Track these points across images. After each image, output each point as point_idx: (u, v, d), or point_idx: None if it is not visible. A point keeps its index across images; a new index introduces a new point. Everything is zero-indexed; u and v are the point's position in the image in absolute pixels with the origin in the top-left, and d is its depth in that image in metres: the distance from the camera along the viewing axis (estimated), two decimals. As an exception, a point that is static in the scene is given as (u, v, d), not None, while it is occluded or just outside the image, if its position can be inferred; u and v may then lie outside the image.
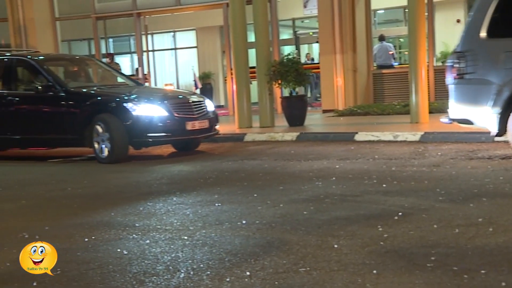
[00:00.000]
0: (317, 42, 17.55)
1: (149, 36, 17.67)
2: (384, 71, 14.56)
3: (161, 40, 22.38)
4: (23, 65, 9.34)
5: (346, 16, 13.54)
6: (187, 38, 23.08)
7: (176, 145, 9.21)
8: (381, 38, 15.42)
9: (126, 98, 8.38)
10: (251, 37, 11.92)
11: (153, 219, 4.61)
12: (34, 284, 3.20)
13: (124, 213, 4.94)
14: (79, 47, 22.08)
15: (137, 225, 4.45)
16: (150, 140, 8.24)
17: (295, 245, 3.68)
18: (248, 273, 3.21)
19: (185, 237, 4.02)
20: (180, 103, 8.57)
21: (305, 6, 17.67)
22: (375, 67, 14.84)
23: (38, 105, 8.83)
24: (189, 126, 8.41)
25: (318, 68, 15.37)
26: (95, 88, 9.10)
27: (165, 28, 21.43)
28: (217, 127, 9.13)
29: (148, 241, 3.96)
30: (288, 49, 18.29)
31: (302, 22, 21.82)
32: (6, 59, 9.43)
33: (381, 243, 3.64)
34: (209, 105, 9.08)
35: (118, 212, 4.98)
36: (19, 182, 6.89)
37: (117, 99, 8.39)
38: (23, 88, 9.23)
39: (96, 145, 8.22)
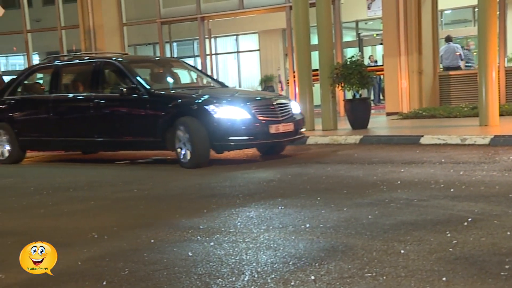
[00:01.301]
0: (381, 44, 17.30)
1: (212, 40, 17.89)
2: (451, 72, 14.18)
3: (224, 44, 22.63)
4: (109, 67, 9.28)
5: (411, 17, 13.28)
6: (250, 41, 23.24)
7: (260, 149, 8.95)
8: (448, 39, 15.02)
9: (207, 100, 8.15)
10: (314, 40, 11.87)
11: (217, 221, 4.65)
12: (104, 283, 3.28)
13: (188, 215, 5.00)
14: (144, 52, 22.63)
15: (201, 227, 4.49)
16: (231, 143, 7.96)
17: (360, 250, 3.62)
18: (312, 277, 3.18)
19: (249, 240, 4.02)
20: (263, 105, 8.24)
21: (369, 8, 17.46)
22: (441, 69, 14.47)
23: (123, 107, 8.76)
24: (273, 129, 8.08)
25: (381, 70, 15.15)
26: (177, 90, 8.96)
27: (228, 32, 21.66)
28: (303, 130, 8.86)
29: (212, 243, 3.99)
30: (351, 52, 18.12)
31: (366, 24, 21.56)
32: (94, 62, 9.41)
33: (450, 249, 3.52)
34: (295, 107, 8.79)
35: (183, 214, 5.05)
36: (88, 183, 7.10)
37: (198, 101, 8.16)
38: (109, 90, 9.16)
39: (178, 149, 8.02)
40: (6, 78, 16.81)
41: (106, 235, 4.37)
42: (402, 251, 3.53)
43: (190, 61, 23.15)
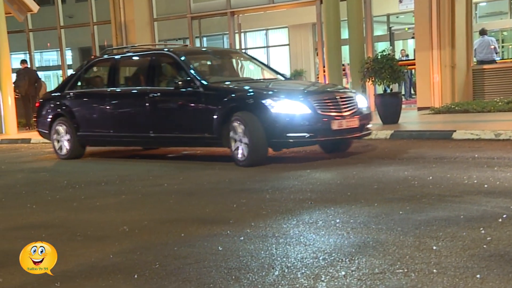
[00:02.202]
0: (412, 37, 17.08)
1: (242, 34, 17.89)
2: (485, 66, 13.90)
3: (253, 38, 22.62)
4: (165, 60, 8.89)
5: (444, 10, 13.05)
6: (279, 36, 23.18)
7: (323, 147, 8.27)
8: (482, 32, 14.74)
9: (264, 94, 7.61)
10: (344, 34, 11.78)
11: (247, 216, 4.65)
12: (135, 276, 3.32)
13: (218, 209, 5.02)
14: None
15: (231, 221, 4.50)
16: (290, 141, 7.35)
17: (391, 246, 3.58)
18: (343, 273, 3.16)
19: (279, 235, 4.02)
20: (325, 99, 7.54)
21: (400, 1, 17.26)
22: (475, 63, 14.21)
23: (177, 102, 8.29)
24: (335, 125, 7.40)
25: (413, 64, 14.94)
26: (234, 83, 8.26)
27: (258, 26, 21.65)
28: (369, 126, 8.10)
29: (242, 238, 3.99)
30: (382, 46, 17.92)
31: (397, 17, 21.31)
32: (151, 55, 9.04)
33: (484, 246, 3.46)
34: (361, 101, 7.97)
35: (212, 208, 5.07)
36: (120, 178, 7.18)
37: (254, 95, 7.60)
38: (164, 84, 8.76)
39: (233, 146, 7.51)
40: (40, 74, 17.14)
41: (137, 229, 4.41)
42: (434, 248, 3.48)
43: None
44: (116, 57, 9.65)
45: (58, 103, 9.71)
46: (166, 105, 8.44)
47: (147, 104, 8.52)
